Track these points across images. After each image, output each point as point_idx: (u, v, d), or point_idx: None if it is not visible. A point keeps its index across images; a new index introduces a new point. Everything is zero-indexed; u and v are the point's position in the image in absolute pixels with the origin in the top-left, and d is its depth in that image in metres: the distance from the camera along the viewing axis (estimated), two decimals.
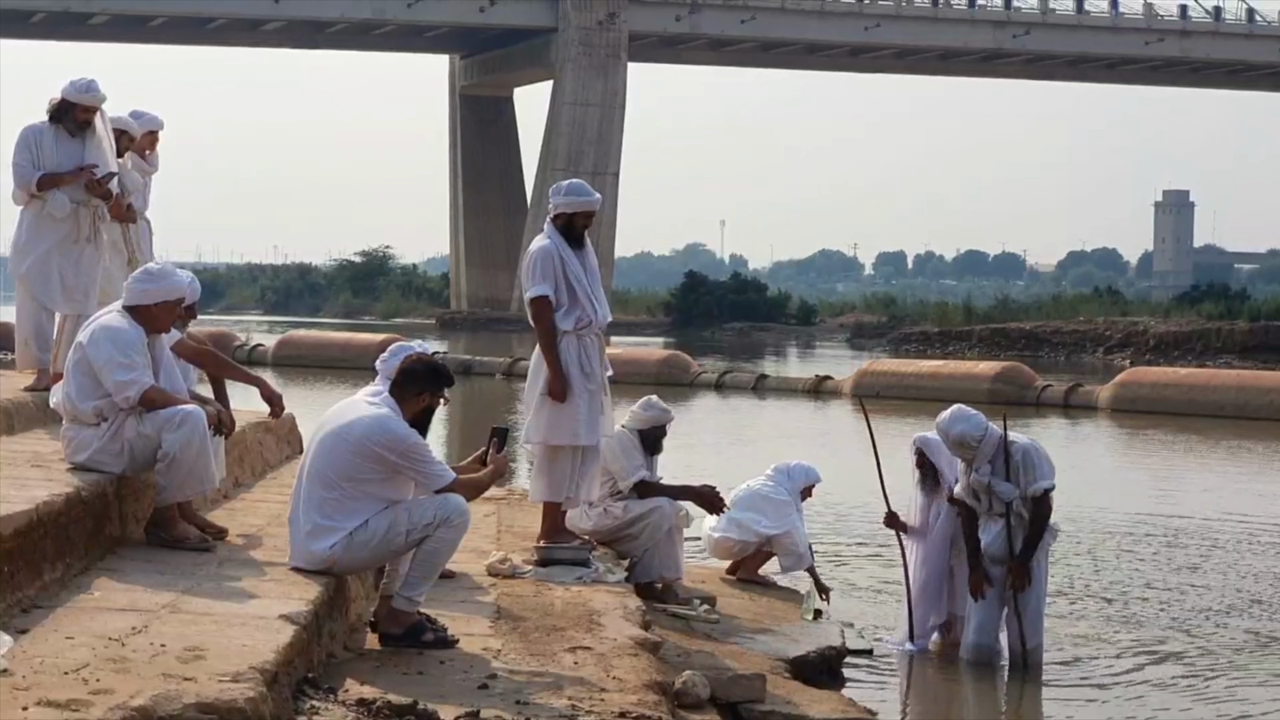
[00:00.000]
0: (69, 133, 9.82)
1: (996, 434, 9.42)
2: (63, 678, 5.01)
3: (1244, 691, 9.25)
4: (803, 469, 11.10)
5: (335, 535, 6.70)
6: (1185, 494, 18.48)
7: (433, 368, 7.07)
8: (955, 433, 9.40)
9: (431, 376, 7.00)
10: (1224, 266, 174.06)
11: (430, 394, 6.98)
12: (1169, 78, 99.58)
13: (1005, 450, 9.38)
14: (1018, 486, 9.38)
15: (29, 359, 10.01)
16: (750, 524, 10.70)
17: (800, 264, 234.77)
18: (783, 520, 10.67)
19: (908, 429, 11.69)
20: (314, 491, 6.76)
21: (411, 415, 6.87)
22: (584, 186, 9.28)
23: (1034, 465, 9.39)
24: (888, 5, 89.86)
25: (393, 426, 6.74)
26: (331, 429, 6.83)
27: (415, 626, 6.78)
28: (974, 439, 9.35)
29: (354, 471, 6.71)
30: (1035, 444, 9.58)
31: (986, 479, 9.40)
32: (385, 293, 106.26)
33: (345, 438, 6.74)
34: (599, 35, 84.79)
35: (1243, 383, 31.16)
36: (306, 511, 6.78)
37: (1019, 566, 9.40)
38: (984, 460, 9.40)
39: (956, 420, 9.42)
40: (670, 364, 36.31)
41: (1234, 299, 72.11)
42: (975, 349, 56.04)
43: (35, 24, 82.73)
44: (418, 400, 6.93)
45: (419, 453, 6.75)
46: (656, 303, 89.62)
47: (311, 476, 6.79)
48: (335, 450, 6.74)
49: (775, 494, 10.83)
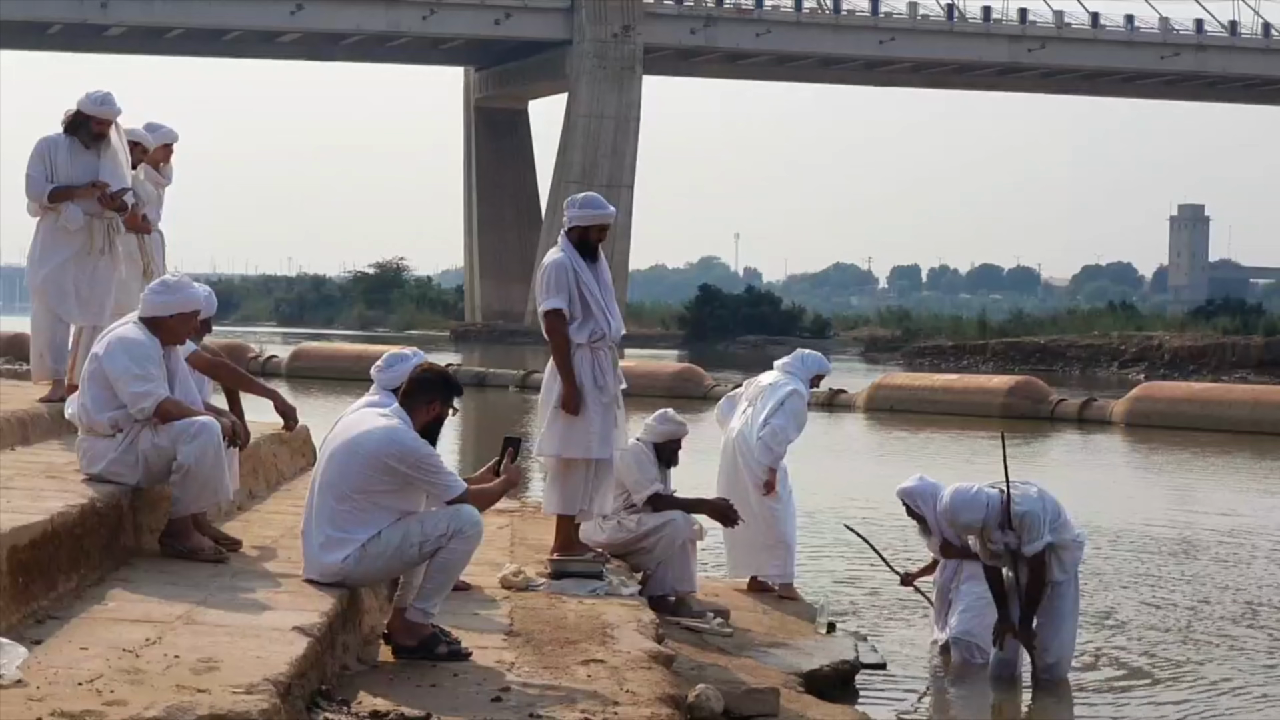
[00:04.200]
0: (84, 145, 9.84)
1: (998, 504, 9.37)
2: (77, 689, 5.01)
3: (1274, 712, 9.21)
4: (816, 358, 11.32)
5: (348, 547, 6.70)
6: (1200, 507, 18.42)
7: (443, 376, 7.07)
8: (961, 523, 9.36)
9: (442, 385, 6.99)
10: (1239, 281, 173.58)
11: (440, 403, 6.96)
12: (1185, 92, 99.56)
13: (1008, 512, 9.33)
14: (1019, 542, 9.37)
15: (44, 370, 10.02)
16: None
17: (815, 277, 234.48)
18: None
19: (921, 443, 11.66)
20: (326, 504, 6.76)
21: (421, 425, 6.87)
22: (599, 200, 9.28)
23: (1032, 528, 9.31)
24: (903, 19, 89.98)
25: (405, 438, 6.74)
26: (343, 441, 6.83)
27: (429, 638, 6.77)
28: (977, 523, 9.33)
29: (366, 484, 6.71)
30: (1039, 498, 9.44)
31: (1001, 547, 9.38)
32: (399, 305, 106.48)
33: (357, 450, 6.74)
34: (614, 48, 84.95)
35: (1258, 398, 31.07)
36: (319, 524, 6.78)
37: (1024, 633, 9.39)
38: (995, 528, 9.36)
39: (959, 510, 9.31)
40: (684, 377, 36.33)
41: (1249, 314, 72.06)
42: (989, 363, 56.00)
43: (52, 35, 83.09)
44: (428, 410, 6.92)
45: (431, 464, 6.75)
46: (671, 316, 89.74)
47: (323, 489, 6.79)
48: (347, 463, 6.74)
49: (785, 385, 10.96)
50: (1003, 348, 59.25)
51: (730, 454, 10.92)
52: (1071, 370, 54.86)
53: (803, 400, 10.93)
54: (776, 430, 10.71)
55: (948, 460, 23.56)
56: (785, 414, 10.76)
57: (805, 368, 11.16)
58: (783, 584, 10.87)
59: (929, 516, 9.89)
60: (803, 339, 77.49)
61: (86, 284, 9.91)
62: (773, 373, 11.17)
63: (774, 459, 10.73)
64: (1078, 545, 9.64)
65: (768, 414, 10.77)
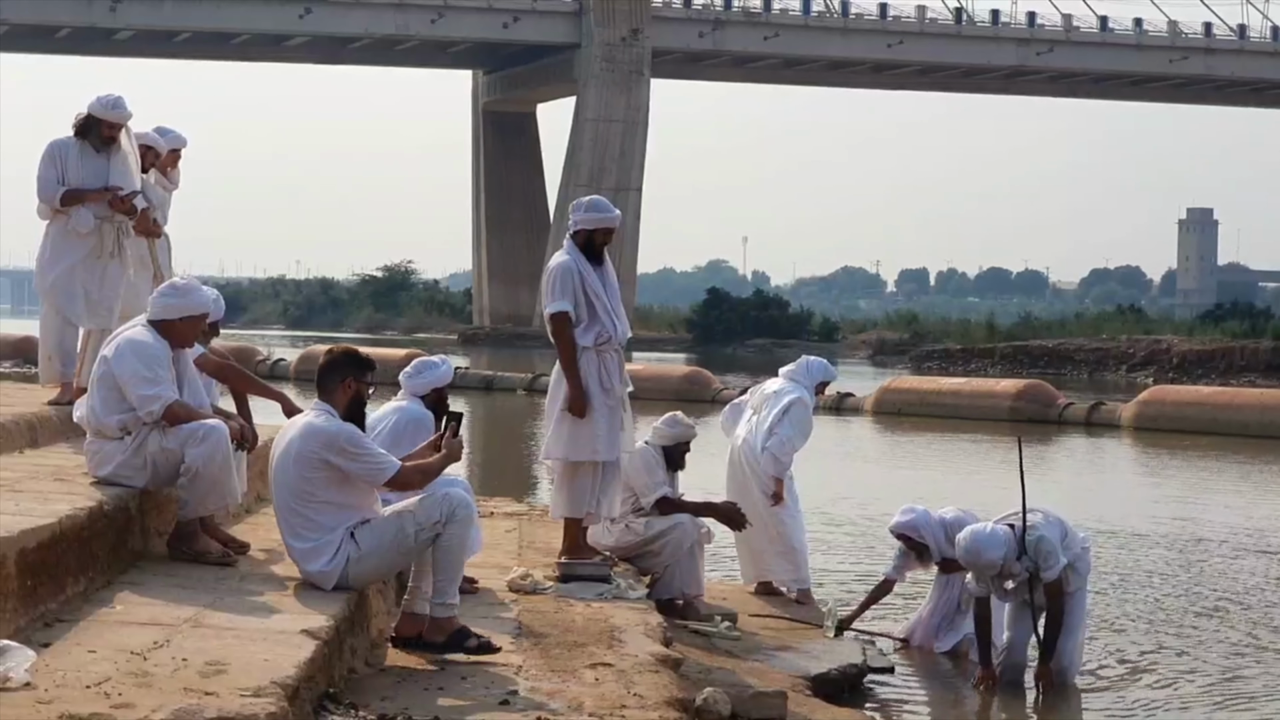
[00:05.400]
0: (94, 148, 9.84)
1: (1013, 537, 9.34)
2: (85, 691, 5.02)
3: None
4: (821, 365, 11.29)
5: (325, 550, 6.73)
6: (1208, 510, 18.40)
7: (348, 353, 7.04)
8: (984, 562, 9.32)
9: (349, 363, 6.95)
10: (1248, 285, 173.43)
11: (354, 380, 6.92)
12: (1194, 95, 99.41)
13: (1022, 541, 9.32)
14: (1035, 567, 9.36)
15: (53, 373, 10.03)
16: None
17: (823, 281, 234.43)
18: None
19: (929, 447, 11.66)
20: (284, 519, 6.85)
21: (344, 410, 6.86)
22: (605, 203, 9.29)
23: (1050, 553, 9.30)
24: (911, 22, 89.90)
25: (320, 425, 6.76)
26: (277, 454, 6.89)
27: (458, 633, 6.81)
28: (999, 560, 9.29)
29: (304, 485, 6.75)
30: (1046, 521, 9.44)
31: (1024, 575, 9.38)
32: (407, 308, 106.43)
33: (288, 455, 6.81)
34: (622, 51, 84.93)
35: (1266, 402, 31.02)
36: (288, 540, 6.87)
37: (1045, 670, 9.35)
38: (1014, 560, 9.35)
39: (983, 550, 9.28)
40: (692, 380, 36.32)
41: (1258, 317, 71.89)
42: (997, 367, 55.94)
43: (61, 39, 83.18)
44: (344, 390, 6.89)
45: (355, 442, 6.74)
46: (679, 319, 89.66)
47: (277, 508, 6.89)
48: (284, 471, 6.81)
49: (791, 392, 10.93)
50: (1011, 351, 59.18)
51: (737, 462, 10.93)
52: (1080, 374, 54.79)
53: (807, 409, 10.93)
54: (783, 441, 10.72)
55: (955, 464, 23.56)
56: (790, 423, 10.78)
57: (810, 375, 11.16)
58: (800, 590, 10.91)
59: (930, 542, 9.99)
60: (810, 342, 77.54)
61: (96, 287, 9.91)
62: (778, 380, 11.17)
63: (781, 470, 10.77)
64: (1085, 551, 9.65)
65: (772, 423, 10.78)
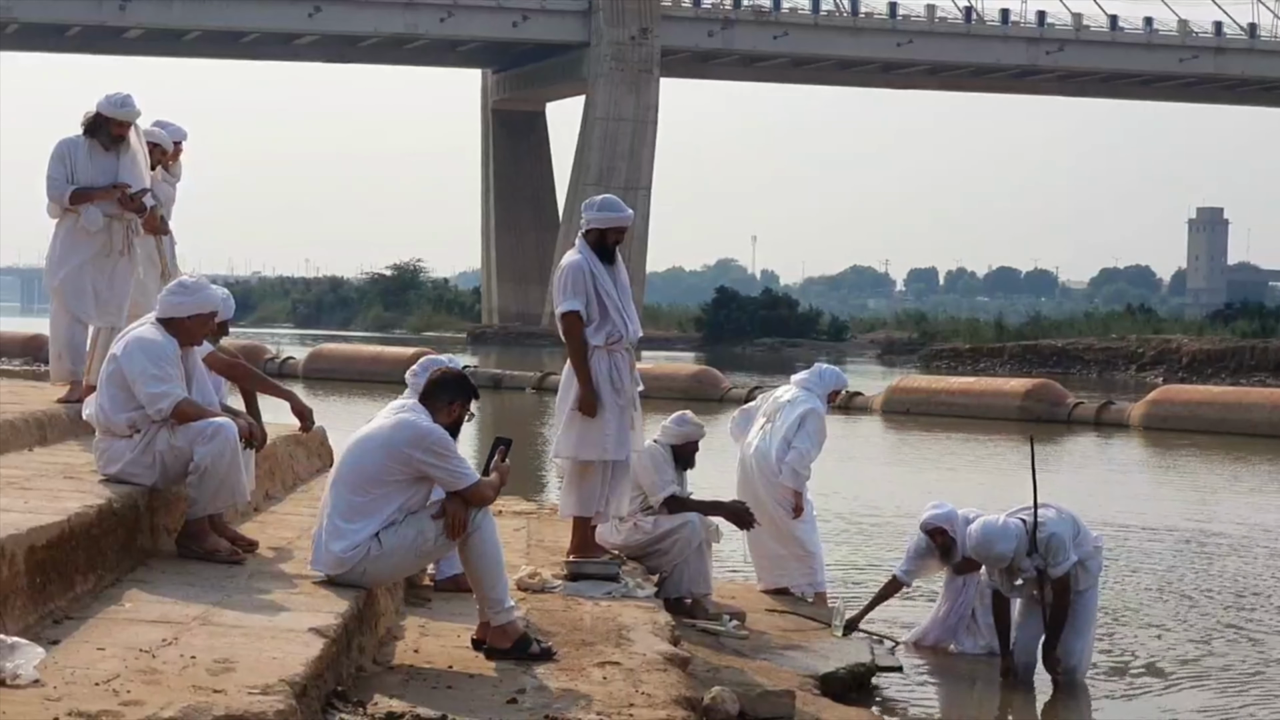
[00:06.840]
0: (103, 147, 9.84)
1: (1024, 531, 9.36)
2: (94, 689, 5.03)
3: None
4: (834, 373, 11.31)
5: (354, 538, 6.73)
6: (1218, 508, 18.37)
7: (462, 378, 7.13)
8: (995, 554, 9.37)
9: (462, 387, 7.04)
10: (1258, 284, 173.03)
11: (460, 404, 7.01)
12: (1204, 94, 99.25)
13: (1033, 537, 9.33)
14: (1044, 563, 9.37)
15: (62, 371, 10.04)
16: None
17: (832, 280, 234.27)
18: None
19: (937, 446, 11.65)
20: (340, 496, 6.82)
21: (443, 427, 6.90)
22: (617, 202, 9.28)
23: (1059, 550, 9.33)
24: (921, 21, 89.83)
25: (420, 423, 6.80)
26: (359, 436, 6.92)
27: (522, 639, 6.85)
28: (1010, 553, 9.33)
29: (382, 473, 6.76)
30: (1059, 518, 9.47)
31: (1032, 572, 9.40)
32: (416, 307, 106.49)
33: (374, 438, 6.82)
34: (631, 50, 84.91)
35: (1276, 401, 30.94)
36: (330, 517, 6.83)
37: (1053, 659, 9.41)
38: (1024, 555, 9.37)
39: (994, 542, 9.34)
40: (701, 379, 36.31)
41: (1268, 317, 71.68)
42: (1006, 366, 55.89)
43: (70, 37, 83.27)
44: (449, 410, 6.96)
45: (446, 447, 6.78)
46: (688, 318, 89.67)
47: (336, 484, 6.87)
48: (363, 455, 6.81)
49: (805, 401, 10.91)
50: (1020, 350, 59.12)
51: (748, 468, 10.91)
52: (1089, 373, 54.72)
53: (821, 419, 10.92)
54: (802, 454, 10.72)
55: (964, 463, 23.54)
56: (806, 436, 10.77)
57: (823, 383, 11.14)
58: (816, 593, 10.92)
59: (960, 538, 9.96)
60: (819, 341, 77.60)
61: (105, 285, 9.92)
62: (790, 388, 11.14)
63: (800, 483, 10.78)
64: (1098, 551, 9.65)
65: (787, 433, 10.77)
